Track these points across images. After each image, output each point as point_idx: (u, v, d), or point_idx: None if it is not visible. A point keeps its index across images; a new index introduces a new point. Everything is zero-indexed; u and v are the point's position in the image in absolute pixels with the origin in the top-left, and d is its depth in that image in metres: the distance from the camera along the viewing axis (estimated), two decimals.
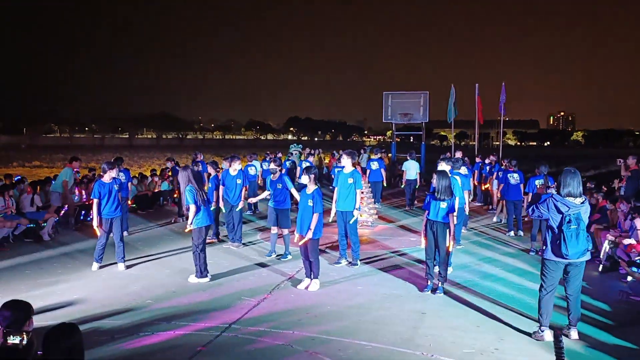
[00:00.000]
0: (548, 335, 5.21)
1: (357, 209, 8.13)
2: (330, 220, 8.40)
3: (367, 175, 14.33)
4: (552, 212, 5.13)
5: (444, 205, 6.68)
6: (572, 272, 5.21)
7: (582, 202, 5.07)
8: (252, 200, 10.60)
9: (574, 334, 5.26)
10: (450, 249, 6.83)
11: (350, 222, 8.10)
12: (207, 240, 9.62)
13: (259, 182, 14.97)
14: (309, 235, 6.81)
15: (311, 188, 6.97)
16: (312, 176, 7.01)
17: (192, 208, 7.08)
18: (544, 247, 5.31)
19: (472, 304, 6.34)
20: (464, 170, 9.56)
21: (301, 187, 7.38)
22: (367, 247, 9.37)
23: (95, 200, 7.73)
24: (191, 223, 7.14)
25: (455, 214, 6.85)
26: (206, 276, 7.25)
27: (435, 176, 6.86)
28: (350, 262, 8.17)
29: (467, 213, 9.92)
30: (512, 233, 10.72)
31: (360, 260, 8.22)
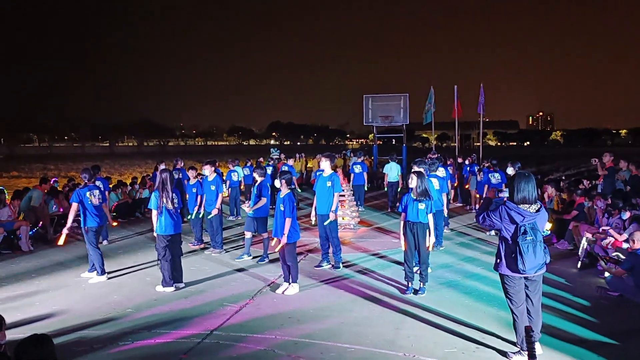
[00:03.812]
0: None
1: (332, 211, 8.07)
2: (312, 223, 8.45)
3: (352, 179, 14.37)
4: (505, 222, 4.60)
5: (422, 206, 6.72)
6: (530, 288, 4.75)
7: (538, 210, 4.54)
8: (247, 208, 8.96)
9: (537, 348, 4.77)
10: (430, 249, 6.87)
11: (325, 224, 8.08)
12: (190, 247, 9.63)
13: (242, 187, 14.90)
14: (284, 240, 6.82)
15: (283, 192, 6.98)
16: (285, 180, 7.03)
17: (153, 213, 7.11)
18: (498, 261, 4.77)
19: (454, 304, 6.38)
20: (441, 172, 9.57)
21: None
22: (349, 250, 9.39)
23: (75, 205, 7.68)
24: (154, 229, 7.14)
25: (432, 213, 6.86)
26: (171, 285, 7.09)
27: (412, 177, 6.88)
28: (332, 265, 8.18)
29: (446, 215, 9.99)
30: (492, 232, 10.81)
31: (342, 263, 8.24)
